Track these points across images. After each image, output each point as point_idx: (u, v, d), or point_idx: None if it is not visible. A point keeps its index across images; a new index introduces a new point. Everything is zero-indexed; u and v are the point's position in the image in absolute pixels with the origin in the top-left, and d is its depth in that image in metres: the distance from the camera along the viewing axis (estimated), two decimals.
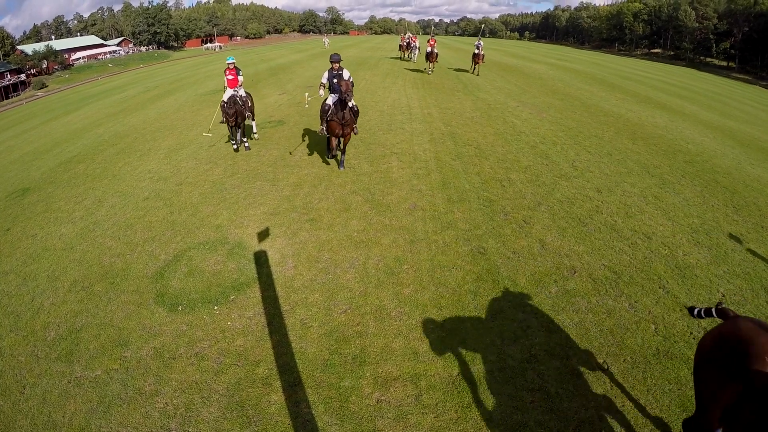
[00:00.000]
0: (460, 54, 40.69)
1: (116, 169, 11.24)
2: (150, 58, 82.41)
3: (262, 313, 5.50)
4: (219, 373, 4.64)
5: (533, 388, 4.34)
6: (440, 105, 16.35)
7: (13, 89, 58.11)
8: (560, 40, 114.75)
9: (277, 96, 19.25)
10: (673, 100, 20.98)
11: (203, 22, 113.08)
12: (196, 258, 6.75)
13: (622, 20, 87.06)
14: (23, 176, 11.84)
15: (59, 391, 4.55)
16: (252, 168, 10.27)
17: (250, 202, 8.52)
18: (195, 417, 4.16)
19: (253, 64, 36.69)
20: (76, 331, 5.37)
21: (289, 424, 4.05)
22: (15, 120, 27.55)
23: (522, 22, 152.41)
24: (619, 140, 12.35)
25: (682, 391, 4.29)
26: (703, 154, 11.60)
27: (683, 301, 5.61)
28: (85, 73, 67.25)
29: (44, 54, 69.21)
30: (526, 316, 5.32)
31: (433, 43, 24.12)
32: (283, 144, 11.94)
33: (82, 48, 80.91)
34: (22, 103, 46.35)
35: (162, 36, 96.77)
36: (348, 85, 8.58)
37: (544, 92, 19.80)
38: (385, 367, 4.63)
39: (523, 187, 8.91)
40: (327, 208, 8.09)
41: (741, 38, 64.23)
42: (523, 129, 13.15)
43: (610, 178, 9.48)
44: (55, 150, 14.41)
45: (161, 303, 5.78)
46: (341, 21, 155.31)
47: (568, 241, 6.96)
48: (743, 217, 7.95)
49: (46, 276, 6.65)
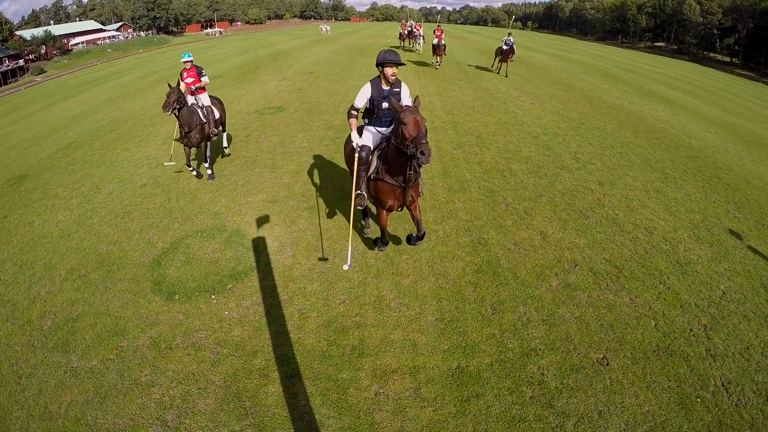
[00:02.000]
0: (466, 44, 40.26)
1: (114, 155, 11.13)
2: (149, 44, 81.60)
3: (260, 303, 5.46)
4: (216, 363, 4.61)
5: (533, 382, 4.32)
6: (442, 93, 16.20)
7: (12, 75, 57.47)
8: (563, 31, 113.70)
9: (276, 82, 19.07)
10: (676, 94, 20.83)
11: (203, 7, 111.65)
12: (194, 246, 6.69)
13: (625, 12, 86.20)
14: (21, 163, 11.73)
15: (55, 381, 4.52)
16: (251, 155, 10.17)
17: (249, 189, 8.44)
18: (191, 408, 4.13)
19: (253, 50, 36.35)
20: (73, 321, 5.33)
21: (286, 417, 4.02)
22: (13, 106, 27.30)
23: (525, 12, 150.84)
24: (621, 133, 12.25)
25: (682, 389, 4.27)
26: (705, 149, 11.52)
27: (684, 297, 5.57)
28: (84, 59, 66.53)
29: (43, 39, 68.44)
30: (526, 308, 5.29)
31: (440, 33, 21.56)
32: (282, 131, 11.82)
33: (80, 33, 79.99)
34: (21, 88, 45.87)
35: (162, 21, 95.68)
36: (417, 121, 4.47)
37: (547, 83, 19.63)
38: (383, 359, 4.60)
39: (525, 177, 8.84)
40: (326, 196, 8.02)
41: (745, 34, 63.69)
42: (525, 119, 13.04)
43: (612, 171, 9.41)
44: (53, 136, 14.27)
45: (158, 292, 5.73)
46: (342, 7, 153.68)
47: (570, 233, 6.91)
48: (744, 214, 7.90)
49: (43, 264, 6.60)
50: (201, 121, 8.42)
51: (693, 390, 4.26)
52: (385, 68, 5.26)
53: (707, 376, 4.43)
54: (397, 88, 5.39)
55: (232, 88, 18.65)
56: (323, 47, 34.04)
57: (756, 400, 4.19)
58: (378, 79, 5.41)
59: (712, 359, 4.65)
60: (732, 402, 4.17)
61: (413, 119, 4.45)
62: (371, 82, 5.42)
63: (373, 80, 5.43)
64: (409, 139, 4.42)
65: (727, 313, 5.35)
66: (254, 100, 15.72)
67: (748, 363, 4.62)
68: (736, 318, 5.26)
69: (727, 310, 5.39)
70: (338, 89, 16.98)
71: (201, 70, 8.81)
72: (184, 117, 8.06)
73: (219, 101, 9.55)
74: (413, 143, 4.38)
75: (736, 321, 5.21)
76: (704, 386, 4.32)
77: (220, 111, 9.37)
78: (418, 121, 4.45)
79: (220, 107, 9.37)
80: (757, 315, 5.34)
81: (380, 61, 5.29)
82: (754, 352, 4.77)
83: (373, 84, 5.40)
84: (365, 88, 5.41)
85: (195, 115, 8.29)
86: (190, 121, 8.18)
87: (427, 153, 4.28)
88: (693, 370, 4.49)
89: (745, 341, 4.91)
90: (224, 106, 9.88)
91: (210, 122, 8.69)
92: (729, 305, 5.48)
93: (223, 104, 9.81)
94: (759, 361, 4.65)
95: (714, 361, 4.62)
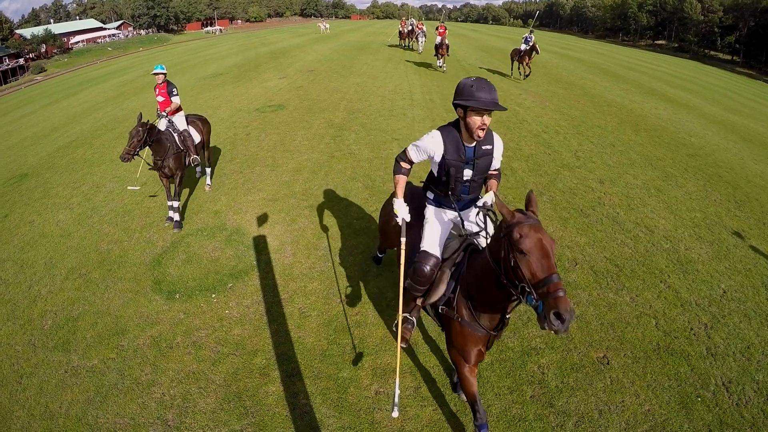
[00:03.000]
0: (467, 42, 40.17)
1: (114, 154, 11.10)
2: (150, 42, 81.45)
3: (261, 302, 5.46)
4: (216, 362, 4.61)
5: (533, 381, 4.32)
6: (442, 91, 16.16)
7: (12, 74, 57.42)
8: (564, 29, 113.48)
9: (277, 80, 19.05)
10: (676, 92, 20.79)
11: (203, 5, 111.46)
12: (194, 244, 6.69)
13: (626, 10, 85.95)
14: (21, 162, 11.73)
15: (56, 381, 4.52)
16: (251, 153, 10.16)
17: (249, 187, 8.44)
18: (192, 407, 4.13)
19: (253, 48, 36.28)
20: (73, 320, 5.33)
21: (286, 416, 4.02)
22: (13, 105, 27.29)
23: (526, 10, 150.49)
24: (622, 131, 12.23)
25: (682, 388, 4.27)
26: (706, 147, 11.51)
27: (684, 296, 5.57)
28: (84, 57, 66.48)
29: (43, 38, 68.40)
30: (526, 307, 5.27)
31: (443, 32, 19.67)
32: (282, 129, 11.80)
33: (81, 32, 79.93)
34: (21, 87, 45.86)
35: (162, 19, 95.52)
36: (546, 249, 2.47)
37: (548, 80, 19.59)
38: (384, 359, 4.60)
39: (525, 176, 8.83)
40: (327, 195, 8.02)
41: (746, 33, 63.55)
42: (525, 117, 13.02)
43: (613, 169, 9.39)
44: (54, 135, 14.27)
45: (158, 291, 5.73)
46: (343, 5, 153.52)
47: (570, 232, 6.90)
48: (745, 213, 7.89)
49: (44, 263, 6.60)
50: (177, 149, 7.22)
51: (694, 389, 4.26)
52: (472, 115, 3.03)
53: (708, 375, 4.42)
54: (488, 144, 3.28)
55: (233, 86, 18.64)
56: (324, 45, 33.98)
57: (757, 400, 4.19)
58: (455, 128, 3.25)
59: (712, 358, 4.64)
60: (733, 401, 4.16)
61: (539, 244, 2.47)
62: (443, 131, 3.28)
63: (445, 129, 3.30)
64: (531, 280, 2.45)
65: (728, 311, 5.34)
66: (255, 98, 15.70)
67: (748, 362, 4.62)
68: (736, 317, 5.26)
69: (727, 309, 5.38)
70: (339, 87, 16.95)
71: (173, 88, 7.47)
72: (154, 147, 6.90)
73: (201, 120, 8.26)
74: (539, 291, 2.41)
75: (737, 320, 5.21)
76: (705, 385, 4.31)
77: (202, 132, 8.06)
78: (547, 249, 2.47)
79: (201, 128, 8.09)
80: (758, 314, 5.33)
81: (464, 98, 3.02)
82: (755, 351, 4.77)
83: (447, 136, 3.26)
84: (433, 139, 3.29)
85: (170, 142, 7.12)
86: (164, 150, 6.98)
87: (567, 317, 2.30)
88: (694, 369, 4.48)
89: (746, 340, 4.91)
90: (208, 125, 8.46)
91: (189, 149, 7.50)
92: (730, 304, 5.48)
93: (208, 123, 8.46)
94: (760, 360, 4.64)
95: (715, 360, 4.62)
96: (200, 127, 8.04)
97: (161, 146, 6.92)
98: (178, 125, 7.55)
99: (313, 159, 9.66)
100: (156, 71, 7.42)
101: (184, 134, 7.49)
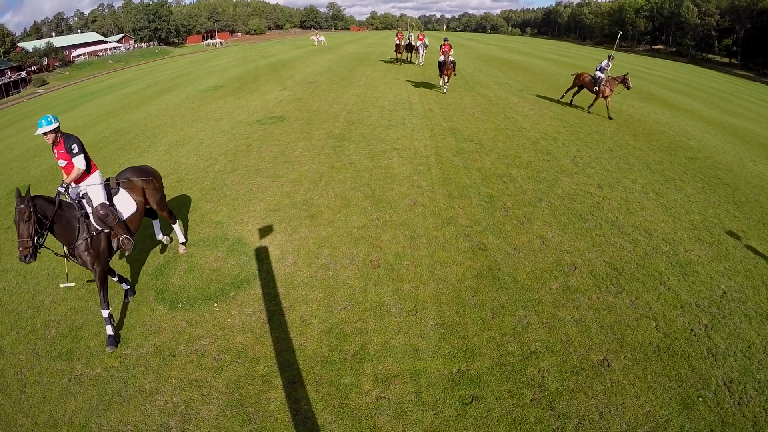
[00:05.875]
0: (465, 52, 40.37)
1: (116, 166, 11.20)
2: (150, 55, 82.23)
3: (262, 310, 5.49)
4: (219, 370, 4.64)
5: (533, 385, 4.33)
6: (441, 101, 16.28)
7: (14, 86, 58.08)
8: (562, 36, 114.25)
9: (277, 92, 19.20)
10: (674, 96, 20.88)
11: (204, 18, 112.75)
12: (196, 255, 6.74)
13: (623, 16, 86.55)
14: (23, 174, 11.82)
15: (60, 389, 4.55)
16: (252, 164, 10.24)
17: (251, 198, 8.50)
18: (195, 415, 4.15)
19: (253, 60, 36.60)
20: (77, 329, 5.37)
21: (288, 422, 4.04)
22: (16, 117, 27.53)
23: (524, 18, 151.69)
24: (620, 136, 12.30)
25: (683, 389, 4.28)
26: (704, 150, 11.56)
27: (684, 298, 5.59)
28: (86, 70, 67.12)
29: (45, 51, 69.19)
30: (526, 312, 5.31)
31: (447, 49, 16.55)
32: (283, 140, 11.90)
33: (82, 45, 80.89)
34: (23, 100, 46.30)
35: (162, 32, 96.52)
36: None
37: (546, 88, 19.70)
38: (384, 364, 4.62)
39: (524, 182, 8.88)
40: (327, 204, 8.07)
41: (743, 35, 63.91)
42: (524, 125, 13.10)
43: (612, 174, 9.44)
44: None
45: (161, 300, 5.77)
46: (342, 17, 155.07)
47: (569, 237, 6.93)
48: (744, 214, 7.92)
49: (47, 274, 6.65)
50: (93, 231, 5.05)
51: (694, 390, 4.27)
52: None
53: (709, 376, 4.43)
54: None
55: (234, 98, 18.79)
56: (323, 57, 34.27)
57: (758, 399, 4.19)
58: None
59: (713, 358, 4.65)
60: (734, 401, 4.17)
61: None
62: None
63: None
64: None
65: (728, 312, 5.36)
66: (255, 110, 15.83)
67: (749, 362, 4.63)
68: (737, 317, 5.27)
69: (727, 310, 5.40)
70: (338, 98, 17.08)
71: (72, 144, 5.13)
72: (56, 230, 4.83)
73: (142, 174, 5.85)
74: None
75: (737, 320, 5.22)
76: (706, 386, 4.32)
77: (144, 195, 5.75)
78: None
79: (142, 189, 5.73)
80: (758, 313, 5.35)
81: None
82: (756, 350, 4.78)
83: None
84: None
85: (76, 221, 4.98)
86: (71, 233, 4.93)
87: None
88: (694, 370, 4.49)
89: (747, 340, 4.92)
90: (155, 181, 5.96)
91: (120, 227, 5.27)
92: (730, 304, 5.50)
93: (154, 177, 5.97)
94: (761, 360, 4.65)
95: (715, 361, 4.63)
96: (138, 189, 5.72)
97: (66, 228, 4.87)
98: (93, 196, 5.26)
99: (313, 169, 9.73)
100: (40, 130, 4.93)
101: (102, 209, 5.11)
